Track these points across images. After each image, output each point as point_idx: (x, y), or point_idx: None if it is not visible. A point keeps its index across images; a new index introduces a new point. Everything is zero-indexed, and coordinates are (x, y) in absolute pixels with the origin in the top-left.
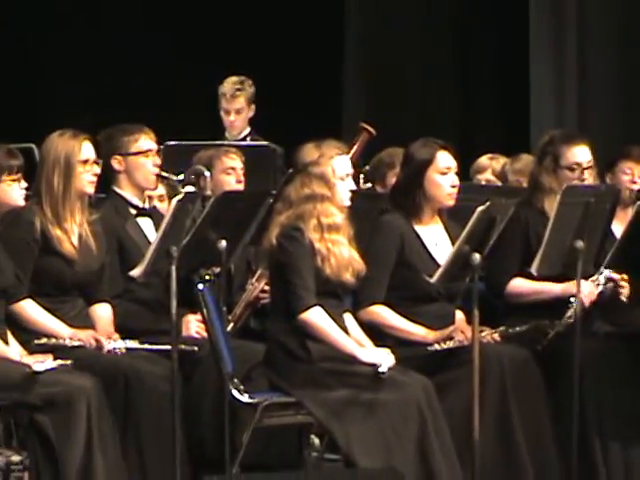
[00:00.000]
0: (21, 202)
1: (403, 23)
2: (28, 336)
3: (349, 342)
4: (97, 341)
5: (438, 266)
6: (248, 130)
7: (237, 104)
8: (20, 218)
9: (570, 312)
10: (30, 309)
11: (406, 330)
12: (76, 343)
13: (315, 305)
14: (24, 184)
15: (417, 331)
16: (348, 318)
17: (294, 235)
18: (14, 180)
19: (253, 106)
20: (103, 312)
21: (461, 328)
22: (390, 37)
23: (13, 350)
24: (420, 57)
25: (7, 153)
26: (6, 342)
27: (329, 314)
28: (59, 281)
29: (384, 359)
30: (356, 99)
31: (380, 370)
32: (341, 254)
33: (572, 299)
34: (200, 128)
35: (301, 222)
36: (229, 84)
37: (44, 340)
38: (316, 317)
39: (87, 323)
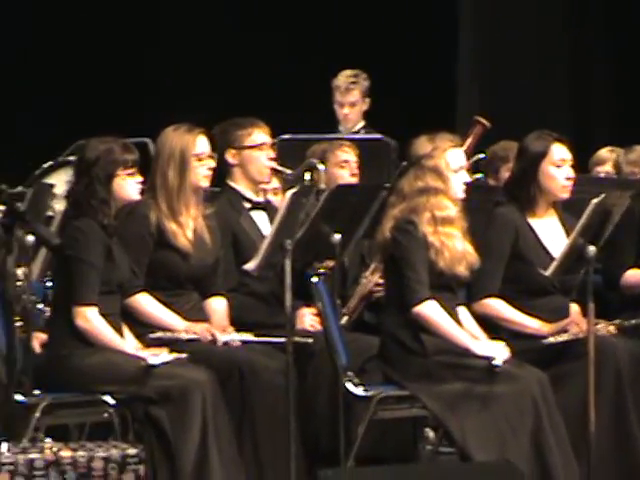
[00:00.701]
0: (136, 196)
1: (516, 14)
2: (143, 329)
3: (463, 335)
4: (212, 334)
5: (552, 259)
6: (362, 123)
7: (351, 97)
8: (135, 212)
9: None
10: (145, 303)
11: (520, 323)
12: (191, 336)
13: (429, 298)
14: (139, 178)
15: (531, 324)
16: (462, 311)
17: (408, 228)
18: (129, 175)
19: (367, 99)
20: (218, 305)
21: (576, 321)
22: (505, 29)
23: (129, 343)
24: (535, 48)
25: (122, 147)
26: (122, 335)
27: (443, 307)
28: (174, 275)
29: (499, 352)
30: (470, 91)
31: (494, 363)
32: (455, 247)
33: None
34: (314, 122)
35: (414, 215)
36: (343, 77)
37: (159, 334)
38: (430, 310)
39: (202, 316)
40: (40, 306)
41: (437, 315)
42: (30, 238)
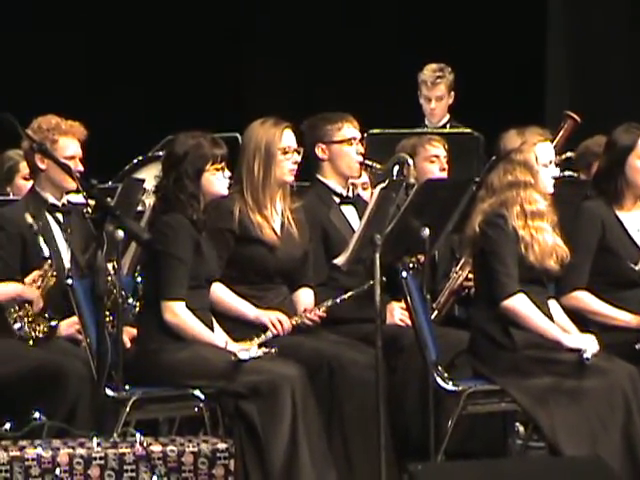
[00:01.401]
0: (224, 191)
1: (608, 9)
2: (233, 325)
3: (553, 328)
4: (280, 322)
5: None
6: (447, 117)
7: (438, 91)
8: (220, 208)
9: None
10: (218, 291)
11: (610, 315)
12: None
13: (518, 292)
14: (228, 173)
15: (621, 316)
16: (553, 305)
17: (497, 222)
18: (218, 169)
19: (452, 93)
20: (304, 296)
21: None
22: (595, 23)
23: (219, 337)
24: (627, 44)
25: (211, 142)
26: (212, 329)
27: (533, 301)
28: (262, 268)
29: (589, 345)
30: (560, 85)
31: (585, 356)
32: (545, 241)
33: None
34: (400, 116)
35: (504, 209)
36: (429, 71)
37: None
38: (520, 304)
39: (291, 310)
40: (130, 301)
41: (526, 308)
42: (120, 233)
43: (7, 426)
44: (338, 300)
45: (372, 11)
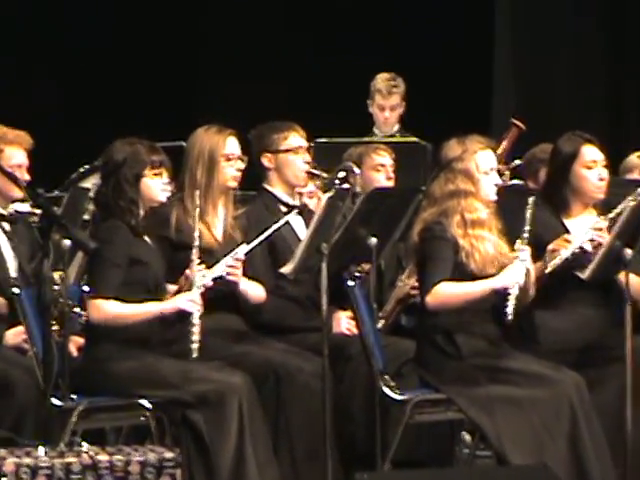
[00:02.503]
0: (163, 197)
1: (552, 17)
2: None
3: (477, 284)
4: (187, 278)
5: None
6: (398, 126)
7: (392, 100)
8: (156, 215)
9: None
10: (113, 307)
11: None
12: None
13: (437, 283)
14: (166, 179)
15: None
16: None
17: (434, 229)
18: (156, 174)
19: (404, 103)
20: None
21: None
22: (539, 32)
23: (153, 305)
24: (570, 51)
25: (149, 148)
26: None
27: (476, 310)
28: None
29: (517, 277)
30: (505, 94)
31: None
32: (485, 250)
33: None
34: (346, 124)
35: (444, 218)
36: (384, 80)
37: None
38: (439, 291)
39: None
40: (77, 310)
41: (446, 290)
42: (67, 242)
43: None
44: (257, 241)
45: (313, 17)
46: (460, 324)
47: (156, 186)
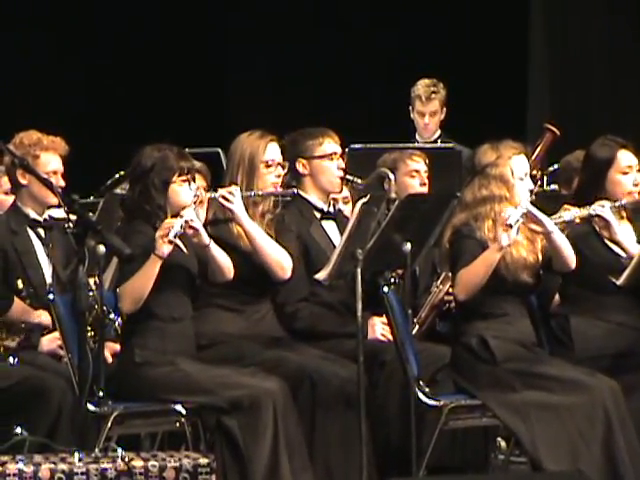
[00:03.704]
0: (190, 203)
1: (588, 22)
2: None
3: (487, 252)
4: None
5: (621, 262)
6: (439, 133)
7: (432, 106)
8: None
9: None
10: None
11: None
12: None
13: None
14: (195, 185)
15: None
16: None
17: (463, 232)
18: (184, 181)
19: (444, 109)
20: None
21: None
22: (576, 36)
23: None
24: (607, 56)
25: (178, 154)
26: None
27: (508, 313)
28: (237, 273)
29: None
30: (541, 99)
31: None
32: (517, 253)
33: None
34: (385, 130)
35: (474, 222)
36: (424, 86)
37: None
38: (460, 275)
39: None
40: (112, 316)
41: (465, 270)
42: (101, 248)
43: None
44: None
45: (347, 20)
46: (494, 329)
47: (184, 192)
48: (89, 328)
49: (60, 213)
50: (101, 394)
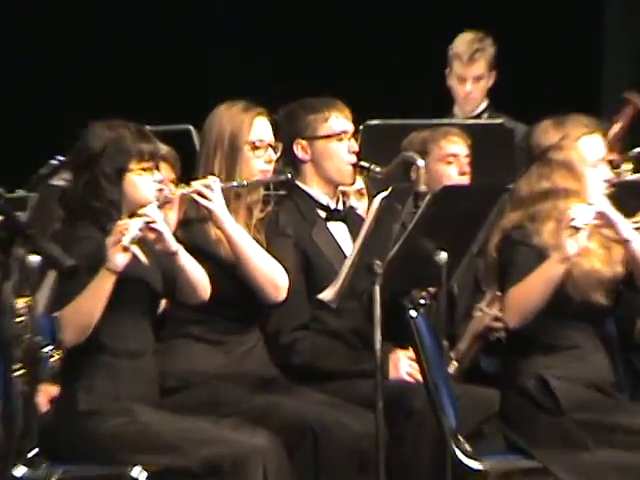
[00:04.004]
0: (152, 199)
1: None
2: None
3: (550, 264)
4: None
5: None
6: (486, 104)
7: (476, 69)
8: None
9: None
10: None
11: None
12: None
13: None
14: (159, 175)
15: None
16: None
17: (513, 234)
18: (145, 169)
19: (494, 72)
20: None
21: None
22: None
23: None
24: None
25: (137, 134)
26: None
27: (577, 344)
28: (216, 292)
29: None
30: (619, 63)
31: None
32: (590, 266)
33: None
34: (413, 102)
35: (529, 223)
36: (464, 43)
37: None
38: (509, 295)
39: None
40: (48, 349)
41: (515, 289)
42: (34, 258)
43: None
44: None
45: None
46: (559, 367)
47: (144, 184)
48: (17, 365)
49: None
50: (33, 453)
